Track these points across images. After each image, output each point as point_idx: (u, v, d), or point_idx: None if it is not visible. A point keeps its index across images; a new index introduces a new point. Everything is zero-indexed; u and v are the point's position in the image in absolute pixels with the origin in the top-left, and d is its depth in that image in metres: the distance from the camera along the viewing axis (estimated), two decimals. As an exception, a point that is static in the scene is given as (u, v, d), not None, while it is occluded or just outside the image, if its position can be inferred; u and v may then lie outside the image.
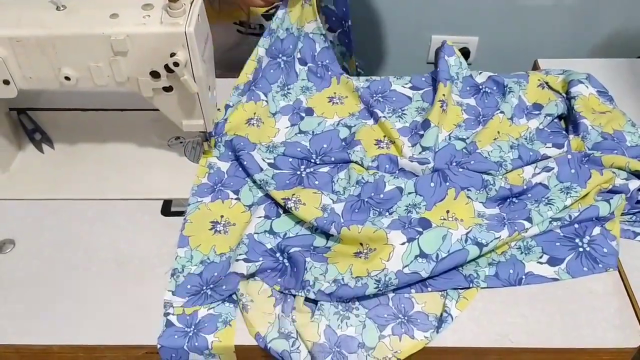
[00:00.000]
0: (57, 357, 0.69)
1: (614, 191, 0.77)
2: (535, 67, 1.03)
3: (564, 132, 0.87)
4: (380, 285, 0.68)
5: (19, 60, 0.72)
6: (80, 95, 0.94)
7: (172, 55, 0.70)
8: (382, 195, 0.78)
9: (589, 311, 0.68)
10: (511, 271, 0.71)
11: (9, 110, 0.88)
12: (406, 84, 0.95)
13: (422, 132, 0.86)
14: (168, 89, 0.75)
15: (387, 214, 0.77)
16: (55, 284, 0.72)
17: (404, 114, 0.91)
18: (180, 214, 0.79)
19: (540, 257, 0.72)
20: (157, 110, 0.79)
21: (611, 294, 0.70)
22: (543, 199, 0.76)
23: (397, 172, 0.82)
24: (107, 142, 0.88)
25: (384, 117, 0.88)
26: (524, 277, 0.70)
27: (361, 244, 0.72)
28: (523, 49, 1.67)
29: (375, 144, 0.86)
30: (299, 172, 0.82)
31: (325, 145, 0.86)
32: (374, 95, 0.94)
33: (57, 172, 0.85)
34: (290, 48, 0.93)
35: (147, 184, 0.83)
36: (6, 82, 0.73)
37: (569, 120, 0.89)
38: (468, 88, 0.94)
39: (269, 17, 1.05)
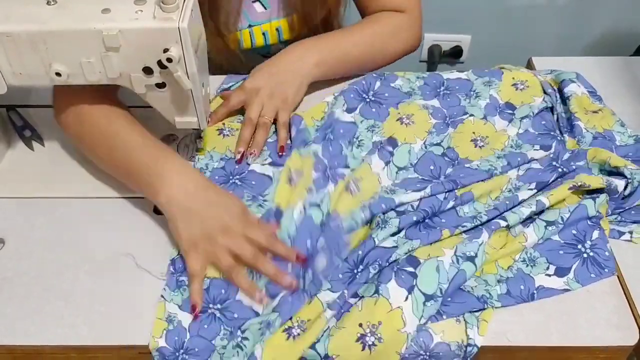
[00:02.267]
0: (49, 357, 0.68)
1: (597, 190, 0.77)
2: (530, 65, 1.03)
3: (552, 133, 0.86)
4: (414, 344, 0.65)
5: (8, 55, 0.70)
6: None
7: (166, 51, 0.69)
8: (378, 260, 0.70)
9: (586, 310, 0.68)
10: (522, 287, 0.69)
11: (7, 109, 0.86)
12: (343, 108, 0.87)
13: (390, 149, 0.82)
14: (161, 85, 0.74)
15: (387, 263, 0.70)
16: (47, 283, 0.71)
17: (361, 141, 0.84)
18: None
19: (547, 269, 0.71)
20: (149, 107, 0.78)
21: (608, 293, 0.69)
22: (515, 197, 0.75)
23: (390, 217, 0.74)
24: (99, 139, 0.87)
25: (346, 175, 0.79)
26: (535, 292, 0.69)
27: (361, 325, 0.65)
28: (515, 47, 1.67)
29: (346, 190, 0.78)
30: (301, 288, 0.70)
31: (308, 241, 0.72)
32: (325, 134, 0.84)
33: (47, 170, 0.83)
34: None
35: (139, 182, 0.81)
36: (-5, 78, 0.72)
37: (562, 118, 0.89)
38: (428, 92, 0.92)
39: None
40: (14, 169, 0.84)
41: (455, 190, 0.77)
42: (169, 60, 0.69)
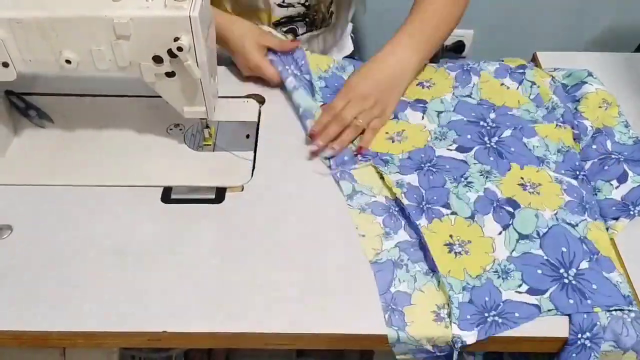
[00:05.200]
0: (56, 343, 0.68)
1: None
2: (535, 59, 1.04)
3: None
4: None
5: (18, 42, 0.70)
6: (76, 80, 0.93)
7: (176, 39, 0.69)
8: (447, 166, 0.77)
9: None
10: (487, 299, 0.66)
11: (5, 94, 0.86)
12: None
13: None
14: (170, 74, 0.74)
15: (463, 180, 0.74)
16: (54, 270, 0.71)
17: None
18: (180, 201, 0.78)
19: (520, 286, 0.67)
20: (156, 97, 0.78)
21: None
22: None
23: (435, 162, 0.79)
24: (106, 128, 0.87)
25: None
26: (501, 303, 0.66)
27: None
28: (517, 42, 1.68)
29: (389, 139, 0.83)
30: None
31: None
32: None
33: (55, 158, 0.83)
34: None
35: (147, 170, 0.82)
36: (5, 65, 0.71)
37: (568, 114, 0.89)
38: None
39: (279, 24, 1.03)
40: (21, 156, 0.84)
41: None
42: (180, 49, 0.69)
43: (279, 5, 1.00)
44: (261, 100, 0.93)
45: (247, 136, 0.87)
